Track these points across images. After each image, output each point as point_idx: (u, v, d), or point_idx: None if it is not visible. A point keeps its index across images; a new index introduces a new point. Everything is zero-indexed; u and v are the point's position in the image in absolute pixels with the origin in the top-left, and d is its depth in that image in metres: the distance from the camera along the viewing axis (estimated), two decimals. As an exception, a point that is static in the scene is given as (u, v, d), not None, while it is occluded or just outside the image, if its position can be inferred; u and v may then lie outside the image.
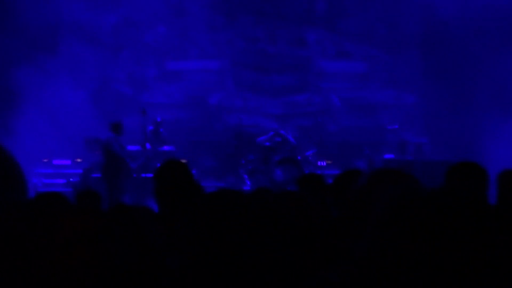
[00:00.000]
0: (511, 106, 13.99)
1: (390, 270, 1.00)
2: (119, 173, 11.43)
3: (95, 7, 15.44)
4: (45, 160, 13.94)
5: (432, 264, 1.01)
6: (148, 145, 12.95)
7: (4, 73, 13.89)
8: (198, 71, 16.06)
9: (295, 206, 2.43)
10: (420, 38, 15.72)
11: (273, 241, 1.61)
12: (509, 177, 4.07)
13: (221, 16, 16.11)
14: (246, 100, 15.90)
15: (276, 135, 14.02)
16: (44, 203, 3.58)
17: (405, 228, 1.04)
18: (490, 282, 1.02)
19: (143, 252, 2.42)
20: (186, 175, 4.01)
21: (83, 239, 1.98)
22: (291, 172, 12.87)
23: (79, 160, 14.00)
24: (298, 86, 16.23)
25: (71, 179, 13.36)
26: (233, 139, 14.40)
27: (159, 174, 4.02)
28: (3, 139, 13.03)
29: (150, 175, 10.51)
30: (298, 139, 14.23)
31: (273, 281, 1.62)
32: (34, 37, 14.26)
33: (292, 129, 15.00)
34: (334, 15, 16.30)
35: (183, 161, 12.76)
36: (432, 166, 12.88)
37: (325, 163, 13.99)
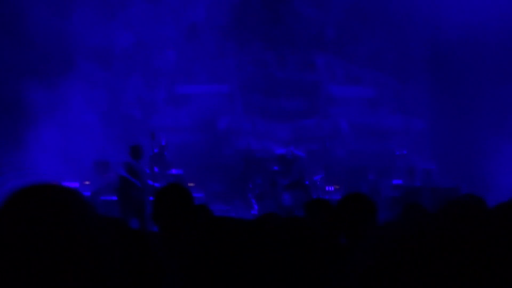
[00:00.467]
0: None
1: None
2: (132, 198, 11.21)
3: (108, 30, 15.58)
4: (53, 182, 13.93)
5: None
6: (156, 169, 12.94)
7: (17, 93, 13.98)
8: (208, 95, 16.13)
9: (301, 233, 2.40)
10: (428, 64, 15.75)
11: (277, 267, 1.59)
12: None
13: (231, 41, 16.21)
14: (254, 124, 15.92)
15: (290, 154, 13.97)
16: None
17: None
18: None
19: (144, 274, 2.41)
20: (185, 200, 4.02)
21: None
22: (299, 197, 12.83)
23: (87, 182, 13.99)
24: (307, 110, 16.25)
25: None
26: (241, 163, 14.40)
27: (158, 198, 4.05)
28: (16, 161, 13.10)
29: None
30: (306, 163, 14.21)
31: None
32: (48, 58, 14.38)
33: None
34: (343, 40, 16.37)
35: (191, 184, 12.68)
36: (441, 192, 12.83)
37: (333, 188, 13.95)
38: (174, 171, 13.63)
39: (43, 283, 1.16)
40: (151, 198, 11.72)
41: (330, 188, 13.90)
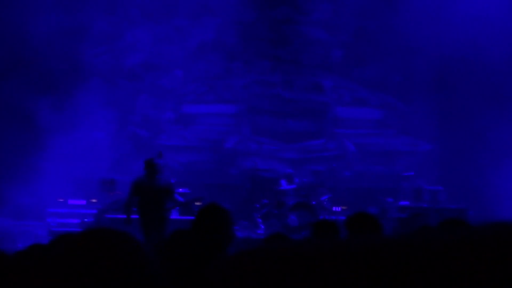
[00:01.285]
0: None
1: None
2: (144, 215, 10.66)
3: (116, 50, 15.71)
4: (60, 200, 13.98)
5: None
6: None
7: (27, 111, 14.07)
8: (215, 115, 16.18)
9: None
10: (435, 86, 15.78)
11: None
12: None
13: (238, 61, 16.29)
14: (261, 144, 15.95)
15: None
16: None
17: None
18: None
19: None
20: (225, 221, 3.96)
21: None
22: (305, 217, 12.82)
23: (94, 200, 14.02)
24: (313, 131, 16.28)
25: (85, 219, 13.37)
26: (247, 183, 14.40)
27: (198, 219, 3.96)
28: (24, 178, 13.15)
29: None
30: (312, 184, 14.21)
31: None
32: (57, 76, 14.48)
33: (307, 174, 14.99)
34: (350, 62, 16.45)
35: (197, 203, 12.45)
36: (448, 213, 12.79)
37: (339, 209, 13.92)
38: (180, 190, 13.64)
39: None
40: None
41: (337, 209, 13.88)
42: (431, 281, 1.00)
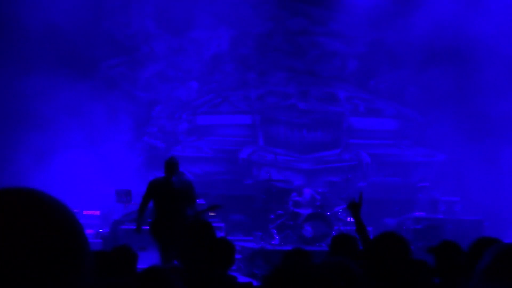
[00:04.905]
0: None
1: None
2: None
3: (130, 61, 15.78)
4: (75, 211, 14.01)
5: None
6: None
7: (42, 121, 14.14)
8: (229, 126, 16.21)
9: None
10: (450, 96, 15.74)
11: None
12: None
13: (253, 72, 16.33)
14: (276, 155, 15.95)
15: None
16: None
17: None
18: None
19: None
20: (207, 235, 4.04)
21: None
22: (320, 228, 12.79)
23: (108, 211, 14.04)
24: (328, 142, 16.27)
25: (100, 230, 13.38)
26: (262, 193, 14.39)
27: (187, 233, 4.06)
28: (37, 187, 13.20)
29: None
30: (327, 194, 14.18)
31: None
32: (69, 88, 14.53)
33: (321, 184, 14.97)
34: (366, 73, 16.45)
35: (212, 214, 12.38)
36: (464, 224, 12.73)
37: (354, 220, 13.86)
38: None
39: None
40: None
41: (351, 219, 13.83)
42: None
